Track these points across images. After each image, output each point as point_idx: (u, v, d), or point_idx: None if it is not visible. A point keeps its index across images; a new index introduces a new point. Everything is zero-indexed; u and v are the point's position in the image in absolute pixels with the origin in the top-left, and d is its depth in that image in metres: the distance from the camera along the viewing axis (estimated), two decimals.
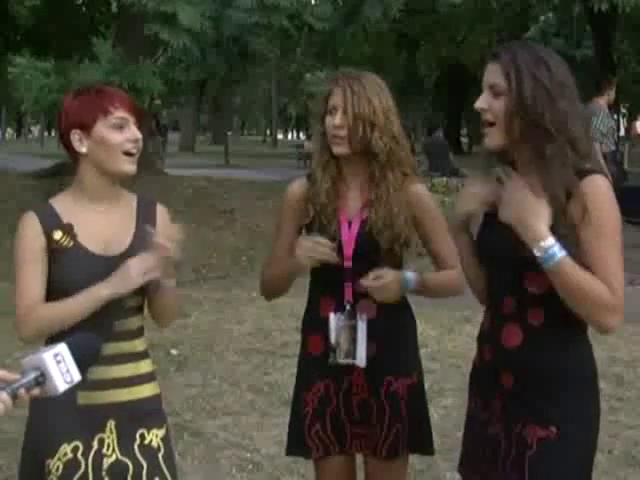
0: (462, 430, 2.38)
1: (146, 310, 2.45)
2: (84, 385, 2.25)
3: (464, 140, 41.39)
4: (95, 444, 2.31)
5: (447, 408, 4.89)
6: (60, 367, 1.64)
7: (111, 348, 2.32)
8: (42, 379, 1.63)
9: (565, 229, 2.02)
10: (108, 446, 2.32)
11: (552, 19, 28.54)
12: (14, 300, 2.31)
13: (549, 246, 1.97)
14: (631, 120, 52.26)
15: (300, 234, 2.71)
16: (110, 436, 2.33)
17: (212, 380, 5.68)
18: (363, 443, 2.67)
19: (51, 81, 12.48)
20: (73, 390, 2.24)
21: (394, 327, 2.65)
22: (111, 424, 2.33)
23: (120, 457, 2.32)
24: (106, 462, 2.31)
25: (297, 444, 2.73)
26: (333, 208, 2.62)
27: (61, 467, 2.27)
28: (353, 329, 2.58)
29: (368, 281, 2.51)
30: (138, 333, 2.41)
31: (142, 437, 2.36)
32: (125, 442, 2.33)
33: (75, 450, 2.29)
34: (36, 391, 1.64)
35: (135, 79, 11.59)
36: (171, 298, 2.40)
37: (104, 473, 2.30)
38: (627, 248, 2.10)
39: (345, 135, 2.58)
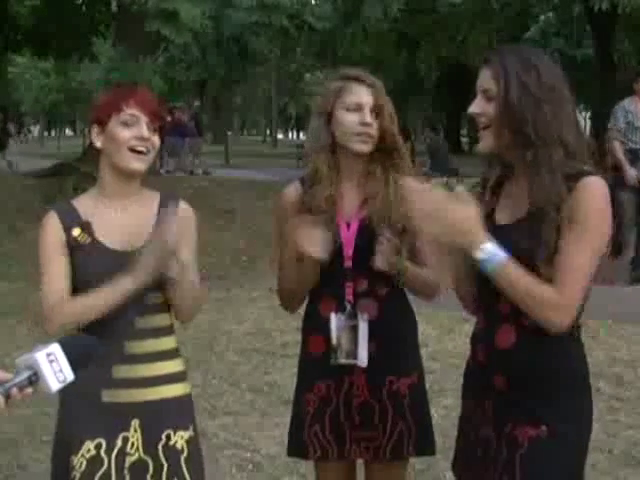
0: None
1: None
2: (108, 383, 2.30)
3: (464, 140, 41.36)
4: (119, 442, 2.33)
5: (447, 408, 4.88)
6: (53, 366, 1.63)
7: (136, 347, 2.34)
8: (35, 378, 1.63)
9: (548, 234, 2.03)
10: (132, 445, 2.34)
11: (552, 19, 28.52)
12: (14, 299, 2.33)
13: (490, 247, 2.01)
14: None
15: None
16: (135, 435, 2.34)
17: (212, 380, 5.68)
18: (363, 447, 2.64)
19: (51, 81, 12.50)
20: (97, 388, 2.29)
21: (395, 327, 2.65)
22: (135, 423, 2.34)
23: (142, 456, 2.34)
24: (128, 460, 2.33)
25: (297, 445, 2.72)
26: (332, 213, 2.61)
27: (84, 463, 2.29)
28: (354, 329, 2.57)
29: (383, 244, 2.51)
30: (166, 331, 2.42)
31: (168, 438, 2.37)
32: (150, 442, 2.35)
33: (98, 447, 2.31)
34: (29, 390, 1.63)
35: (135, 77, 11.60)
36: (186, 291, 2.37)
37: (126, 471, 2.32)
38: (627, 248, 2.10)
39: (375, 134, 2.58)
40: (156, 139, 2.38)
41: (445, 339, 6.64)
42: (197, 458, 2.44)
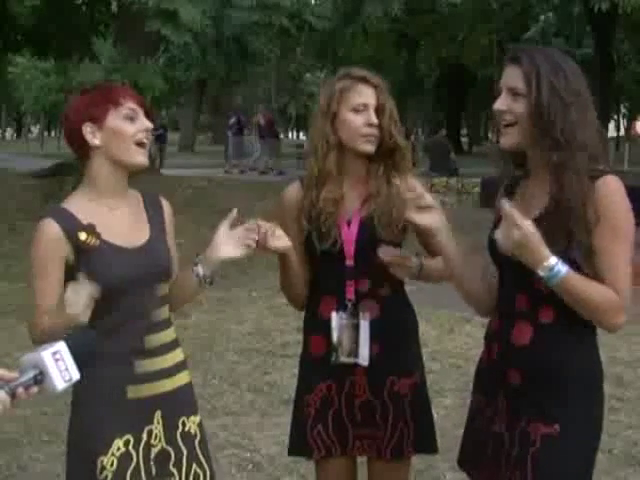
0: (462, 429, 2.38)
1: None
2: (132, 379, 2.32)
3: (464, 140, 41.36)
4: (144, 436, 2.35)
5: (447, 408, 4.88)
6: (59, 365, 1.63)
7: (154, 340, 2.36)
8: (41, 378, 1.62)
9: (582, 233, 2.06)
10: (155, 436, 2.37)
11: (552, 19, 28.53)
12: (13, 299, 2.32)
13: (552, 265, 2.01)
14: (631, 120, 52.31)
15: (302, 237, 2.69)
16: (157, 427, 2.37)
17: (212, 380, 5.68)
18: (366, 445, 2.65)
19: (51, 81, 12.49)
20: (122, 385, 2.31)
21: (396, 327, 2.65)
22: (158, 415, 2.37)
23: (165, 446, 2.38)
24: (153, 452, 2.36)
25: (299, 444, 2.72)
26: (336, 214, 2.62)
27: (115, 462, 2.30)
28: (355, 328, 2.57)
29: (391, 256, 2.51)
30: (170, 321, 2.44)
31: (183, 425, 2.42)
32: (170, 431, 2.39)
33: (127, 444, 2.32)
34: (34, 390, 1.63)
35: (136, 78, 11.59)
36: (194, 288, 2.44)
37: (152, 463, 2.35)
38: None
39: (378, 134, 2.59)
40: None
41: (445, 339, 6.64)
42: (206, 440, 2.50)
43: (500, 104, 2.16)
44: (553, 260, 2.01)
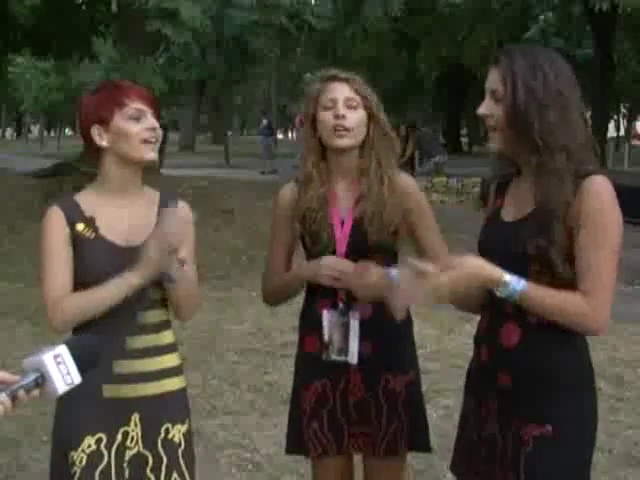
0: None
1: None
2: (109, 378, 2.31)
3: (464, 140, 41.36)
4: (119, 437, 2.34)
5: (447, 408, 4.88)
6: (60, 368, 1.63)
7: (137, 341, 2.35)
8: (42, 380, 1.62)
9: (560, 235, 2.04)
10: (132, 439, 2.35)
11: (552, 19, 28.49)
12: (13, 299, 2.32)
13: (508, 282, 2.02)
14: (631, 120, 52.34)
15: (296, 239, 2.71)
16: (135, 429, 2.36)
17: (212, 380, 5.69)
18: (361, 442, 2.67)
19: (51, 81, 12.47)
20: (98, 383, 2.29)
21: (390, 326, 2.64)
22: (135, 417, 2.36)
23: (142, 450, 2.36)
24: (128, 454, 2.34)
25: (295, 443, 2.74)
26: (324, 212, 2.62)
27: (85, 458, 2.30)
28: (345, 326, 2.59)
29: (354, 278, 2.49)
30: (164, 326, 2.43)
31: (166, 431, 2.39)
32: (149, 436, 2.37)
33: (98, 442, 2.32)
34: (36, 392, 1.63)
35: (135, 77, 11.57)
36: (185, 290, 2.37)
37: (125, 465, 2.33)
38: (627, 248, 2.11)
39: (352, 126, 2.59)
40: (159, 129, 2.40)
41: (445, 339, 6.65)
42: (192, 452, 2.47)
43: (482, 108, 2.16)
44: (506, 277, 2.02)
